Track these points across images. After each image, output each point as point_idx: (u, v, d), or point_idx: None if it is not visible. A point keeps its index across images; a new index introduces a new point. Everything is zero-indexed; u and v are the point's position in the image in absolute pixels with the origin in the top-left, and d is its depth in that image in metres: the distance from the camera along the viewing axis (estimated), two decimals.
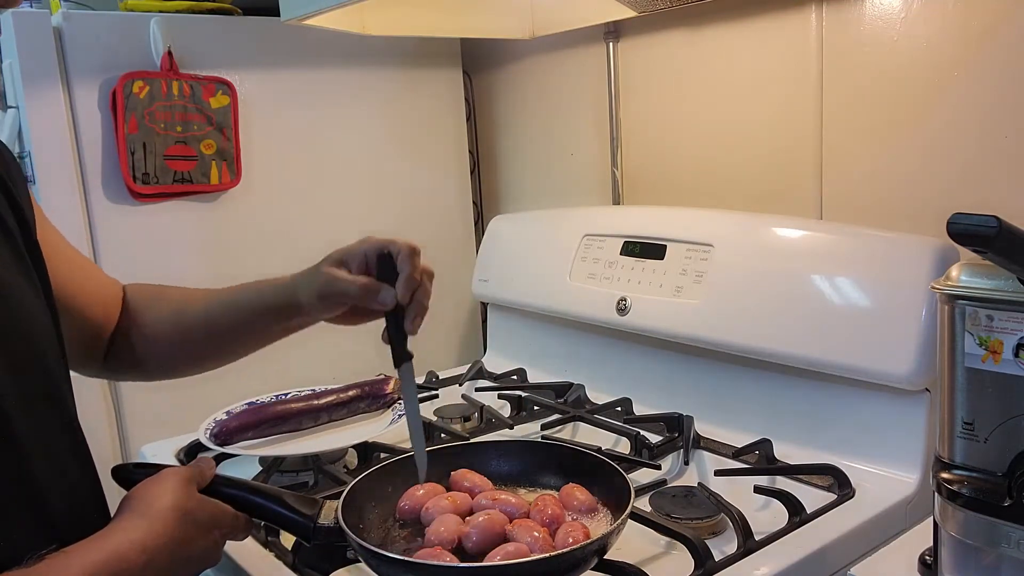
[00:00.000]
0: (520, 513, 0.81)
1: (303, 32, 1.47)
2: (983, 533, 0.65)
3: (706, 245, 1.19)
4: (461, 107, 1.73)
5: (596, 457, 0.89)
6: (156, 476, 0.73)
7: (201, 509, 0.71)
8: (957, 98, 1.03)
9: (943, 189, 1.06)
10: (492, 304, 1.63)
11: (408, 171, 1.66)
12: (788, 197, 1.23)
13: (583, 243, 1.38)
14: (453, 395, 1.40)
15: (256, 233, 1.48)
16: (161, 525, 0.67)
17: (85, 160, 1.32)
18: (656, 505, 0.94)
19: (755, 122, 1.26)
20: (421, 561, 0.73)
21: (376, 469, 0.88)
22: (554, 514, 0.80)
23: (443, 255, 1.73)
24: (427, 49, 1.66)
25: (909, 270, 0.97)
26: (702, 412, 1.19)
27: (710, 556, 0.81)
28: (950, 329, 0.66)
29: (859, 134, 1.14)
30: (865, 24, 1.10)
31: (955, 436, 0.67)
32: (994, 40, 0.98)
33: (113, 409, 1.37)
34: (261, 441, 1.13)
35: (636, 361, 1.31)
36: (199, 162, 1.38)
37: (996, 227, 0.55)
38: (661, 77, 1.39)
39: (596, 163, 1.54)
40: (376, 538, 0.81)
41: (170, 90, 1.34)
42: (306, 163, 1.53)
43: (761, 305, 1.09)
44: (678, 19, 1.34)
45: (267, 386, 1.50)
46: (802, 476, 1.01)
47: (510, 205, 1.79)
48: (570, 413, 1.23)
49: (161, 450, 1.22)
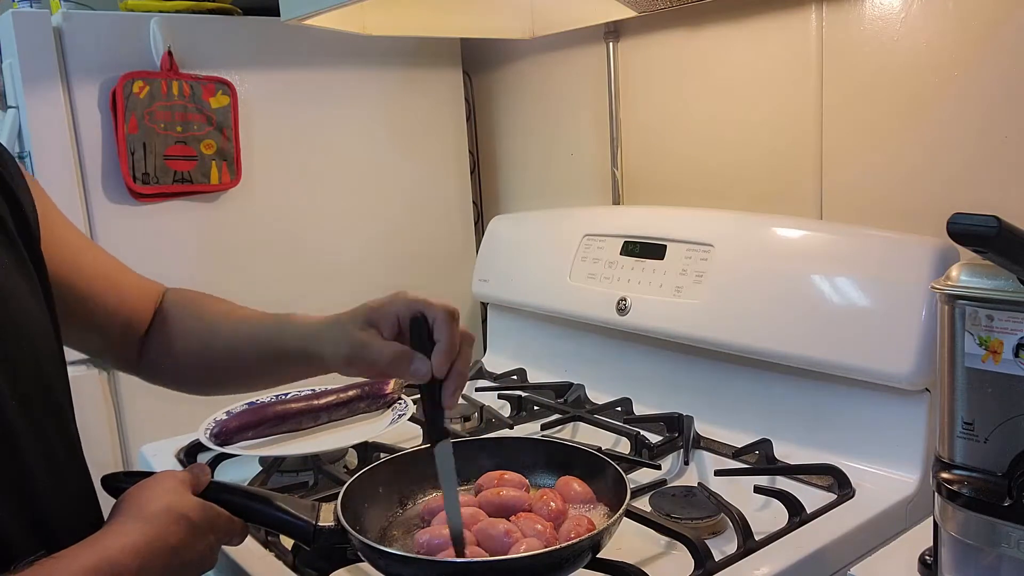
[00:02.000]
0: (524, 507, 0.82)
1: (303, 32, 1.47)
2: (983, 533, 0.65)
3: (706, 245, 1.19)
4: (461, 107, 1.73)
5: (592, 454, 0.90)
6: (151, 478, 0.71)
7: (196, 512, 0.69)
8: (957, 98, 1.03)
9: (943, 189, 1.06)
10: (492, 304, 1.63)
11: (408, 171, 1.66)
12: (788, 197, 1.23)
13: (583, 243, 1.38)
14: None
15: (256, 233, 1.48)
16: (155, 528, 0.65)
17: (85, 160, 1.32)
18: (656, 505, 0.94)
19: (755, 122, 1.26)
20: (434, 559, 0.74)
21: (368, 470, 0.87)
22: (557, 508, 0.81)
23: (443, 255, 1.73)
24: (427, 49, 1.66)
25: (909, 270, 0.97)
26: (702, 412, 1.19)
27: (710, 556, 0.81)
28: (950, 329, 0.66)
29: (859, 134, 1.14)
30: (865, 24, 1.10)
31: (955, 436, 0.67)
32: (994, 40, 0.98)
33: (113, 409, 1.37)
34: (261, 441, 1.13)
35: (636, 361, 1.31)
36: (199, 162, 1.38)
37: (996, 227, 0.55)
38: (661, 77, 1.39)
39: (596, 163, 1.54)
40: (374, 537, 0.81)
41: (170, 90, 1.34)
42: (306, 163, 1.53)
43: (761, 305, 1.09)
44: (678, 19, 1.34)
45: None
46: (802, 476, 1.01)
47: (510, 205, 1.79)
48: (570, 413, 1.23)
49: (161, 450, 1.22)
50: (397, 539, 0.83)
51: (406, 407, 1.20)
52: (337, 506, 0.77)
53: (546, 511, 0.80)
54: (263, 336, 0.85)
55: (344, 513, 0.76)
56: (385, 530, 0.84)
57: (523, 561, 0.71)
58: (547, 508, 0.81)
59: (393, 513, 0.87)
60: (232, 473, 1.13)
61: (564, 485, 0.86)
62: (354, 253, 1.60)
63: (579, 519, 0.78)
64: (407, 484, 0.90)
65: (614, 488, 0.83)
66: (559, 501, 0.82)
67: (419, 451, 0.94)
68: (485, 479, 0.87)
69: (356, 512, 0.81)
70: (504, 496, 0.83)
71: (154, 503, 0.67)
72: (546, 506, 0.81)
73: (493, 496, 0.83)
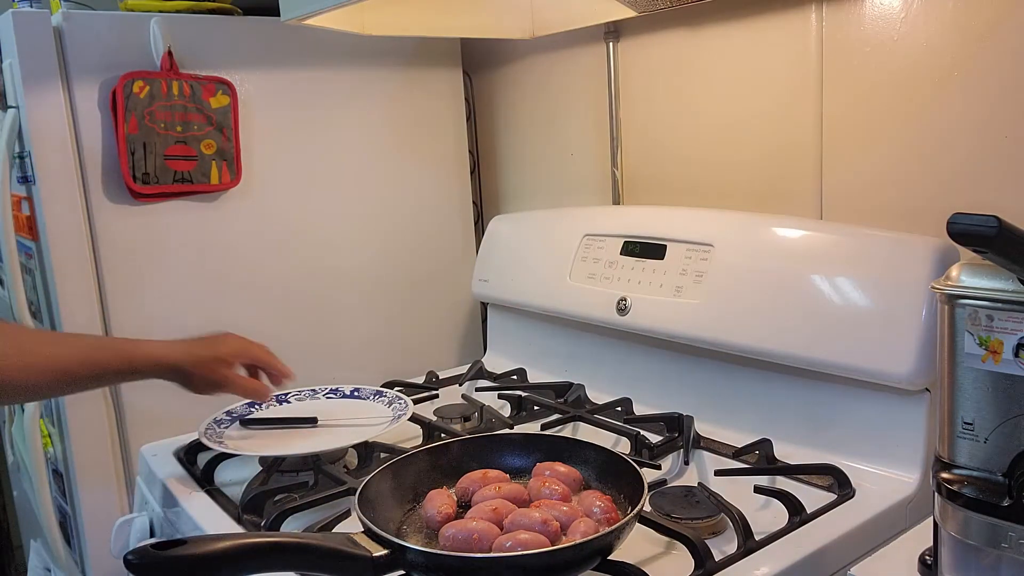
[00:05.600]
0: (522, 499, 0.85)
1: (303, 32, 1.47)
2: (983, 533, 0.65)
3: (706, 245, 1.19)
4: (461, 107, 1.73)
5: (612, 454, 0.91)
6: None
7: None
8: (957, 98, 1.03)
9: (943, 189, 1.06)
10: (492, 304, 1.63)
11: (408, 171, 1.66)
12: (788, 197, 1.23)
13: (583, 243, 1.38)
14: (453, 395, 1.41)
15: (256, 233, 1.48)
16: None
17: (85, 160, 1.32)
18: (656, 505, 0.94)
19: (755, 122, 1.26)
20: (512, 555, 0.74)
21: (367, 483, 0.87)
22: (562, 491, 0.85)
23: (443, 255, 1.73)
24: (427, 49, 1.66)
25: (909, 270, 0.97)
26: (702, 412, 1.19)
27: (710, 556, 0.81)
28: (950, 329, 0.66)
29: (859, 134, 1.14)
30: (865, 24, 1.10)
31: (955, 436, 0.67)
32: (994, 40, 0.98)
33: (113, 409, 1.37)
34: (261, 441, 1.13)
35: (636, 361, 1.31)
36: (199, 162, 1.38)
37: (996, 227, 0.55)
38: (661, 77, 1.39)
39: (596, 163, 1.55)
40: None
41: (170, 90, 1.34)
42: (306, 163, 1.53)
43: (761, 305, 1.09)
44: (678, 19, 1.34)
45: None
46: (802, 476, 1.01)
47: (510, 205, 1.79)
48: (570, 413, 1.23)
49: (161, 450, 1.22)
50: (409, 535, 0.85)
51: (406, 407, 1.20)
52: (386, 534, 0.75)
53: (555, 497, 0.84)
54: (107, 366, 1.01)
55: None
56: (403, 536, 0.85)
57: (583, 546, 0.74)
58: (552, 492, 0.85)
59: (405, 515, 0.89)
60: (232, 473, 1.13)
61: (548, 468, 0.90)
62: (354, 253, 1.60)
63: (587, 523, 0.80)
64: (409, 484, 0.91)
65: (631, 488, 0.85)
66: (559, 484, 0.86)
67: (436, 448, 0.96)
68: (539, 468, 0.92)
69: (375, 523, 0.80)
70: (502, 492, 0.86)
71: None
72: (551, 490, 0.85)
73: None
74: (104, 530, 1.32)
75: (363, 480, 0.86)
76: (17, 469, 1.84)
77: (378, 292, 1.64)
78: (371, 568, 0.72)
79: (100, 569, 1.39)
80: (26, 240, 1.39)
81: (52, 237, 1.30)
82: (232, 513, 1.01)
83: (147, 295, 1.38)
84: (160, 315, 1.40)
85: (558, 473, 0.90)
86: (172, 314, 1.41)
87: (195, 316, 1.43)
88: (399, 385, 1.42)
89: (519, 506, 0.83)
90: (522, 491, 0.87)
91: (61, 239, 1.31)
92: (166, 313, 1.40)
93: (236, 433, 1.17)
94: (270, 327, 1.50)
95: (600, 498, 0.84)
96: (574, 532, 0.77)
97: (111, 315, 1.35)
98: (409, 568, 0.73)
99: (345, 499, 0.98)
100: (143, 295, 1.38)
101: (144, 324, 1.38)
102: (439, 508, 0.83)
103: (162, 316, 1.40)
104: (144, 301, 1.38)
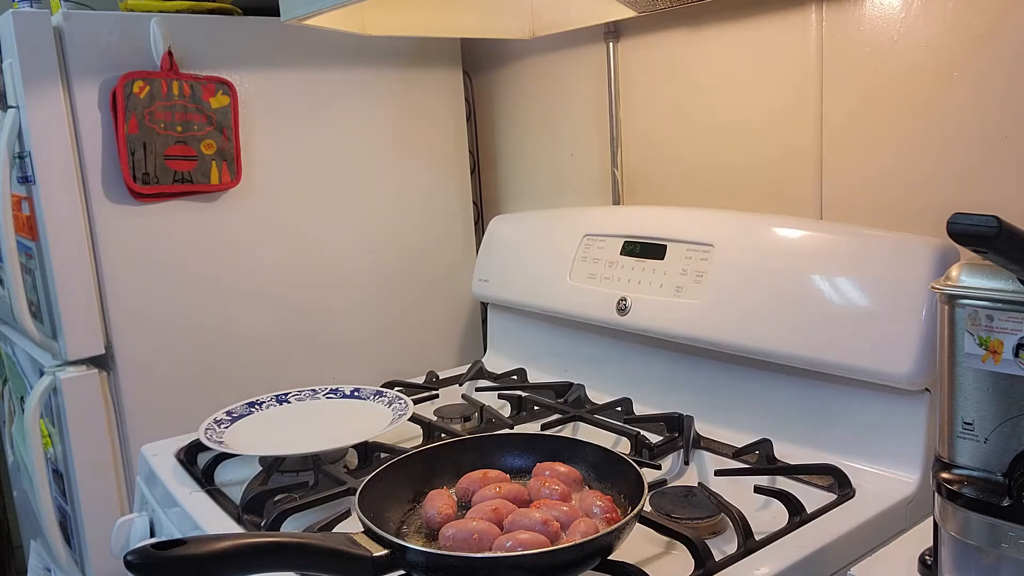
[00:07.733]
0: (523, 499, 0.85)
1: (303, 32, 1.47)
2: (983, 533, 0.65)
3: (706, 245, 1.19)
4: (461, 107, 1.73)
5: (612, 454, 0.91)
6: None
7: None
8: (957, 98, 1.03)
9: (943, 189, 1.06)
10: (492, 304, 1.63)
11: (408, 171, 1.66)
12: (788, 197, 1.23)
13: (583, 243, 1.39)
14: (453, 395, 1.41)
15: (256, 233, 1.48)
16: None
17: (85, 160, 1.32)
18: (656, 505, 0.94)
19: (755, 122, 1.26)
20: (518, 554, 0.74)
21: (367, 483, 0.86)
22: (562, 490, 0.85)
23: (443, 255, 1.73)
24: (427, 49, 1.66)
25: (909, 270, 0.97)
26: (702, 412, 1.19)
27: (710, 556, 0.81)
28: (950, 329, 0.66)
29: (859, 134, 1.14)
30: (865, 24, 1.10)
31: (955, 436, 0.67)
32: (994, 40, 0.98)
33: (113, 409, 1.37)
34: (261, 441, 1.13)
35: (636, 361, 1.31)
36: (199, 162, 1.38)
37: (996, 227, 0.55)
38: (661, 77, 1.39)
39: (596, 163, 1.55)
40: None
41: (170, 90, 1.34)
42: (306, 163, 1.53)
43: (761, 305, 1.09)
44: (678, 19, 1.34)
45: (267, 386, 1.51)
46: (802, 476, 1.02)
47: (510, 205, 1.79)
48: (570, 413, 1.23)
49: (161, 450, 1.22)
50: (409, 535, 0.84)
51: (406, 407, 1.20)
52: (382, 532, 0.75)
53: (555, 497, 0.84)
54: None
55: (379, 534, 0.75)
56: (403, 536, 0.85)
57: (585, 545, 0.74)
58: (552, 492, 0.85)
59: (405, 515, 0.89)
60: (232, 473, 1.13)
61: (548, 468, 0.90)
62: (354, 253, 1.60)
63: (587, 523, 0.80)
64: (409, 484, 0.91)
65: (631, 488, 0.85)
66: (559, 483, 0.86)
67: (437, 447, 0.96)
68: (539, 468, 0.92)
69: (378, 524, 0.80)
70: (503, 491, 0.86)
71: None
72: (551, 490, 0.84)
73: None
74: (104, 530, 1.32)
75: (363, 480, 0.86)
76: (17, 469, 1.84)
77: (378, 292, 1.64)
78: (371, 568, 0.72)
79: (100, 569, 1.39)
80: (26, 240, 1.39)
81: (52, 237, 1.30)
82: (232, 513, 1.01)
83: (147, 295, 1.38)
84: (160, 315, 1.40)
85: (558, 473, 0.90)
86: (172, 314, 1.41)
87: (195, 316, 1.43)
88: (399, 385, 1.42)
89: (519, 506, 0.83)
90: (522, 491, 0.87)
91: (61, 239, 1.31)
92: (166, 313, 1.40)
93: (236, 433, 1.17)
94: (270, 327, 1.50)
95: (600, 498, 0.84)
96: (574, 532, 0.77)
97: (111, 315, 1.35)
98: (409, 568, 0.73)
99: (345, 499, 0.98)
100: (143, 295, 1.38)
101: (144, 325, 1.38)
102: (439, 508, 0.83)
103: (162, 316, 1.40)
104: (144, 301, 1.38)
